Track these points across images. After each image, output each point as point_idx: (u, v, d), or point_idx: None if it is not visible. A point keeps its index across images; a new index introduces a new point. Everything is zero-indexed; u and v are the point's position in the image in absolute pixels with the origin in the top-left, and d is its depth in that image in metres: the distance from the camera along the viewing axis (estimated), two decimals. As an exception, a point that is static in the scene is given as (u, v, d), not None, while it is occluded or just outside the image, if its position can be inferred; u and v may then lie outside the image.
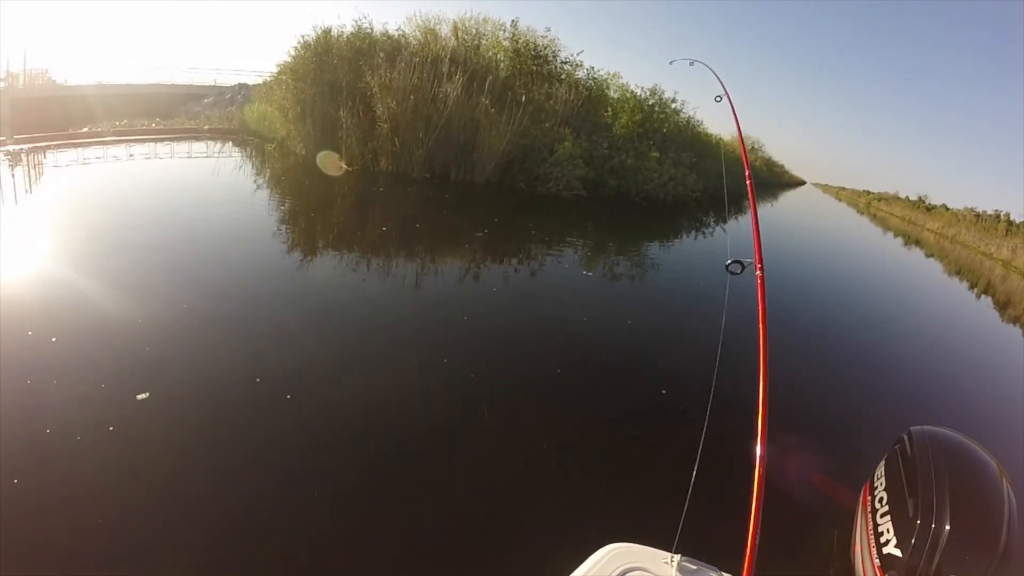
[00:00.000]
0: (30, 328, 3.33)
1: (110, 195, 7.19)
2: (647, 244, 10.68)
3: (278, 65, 13.41)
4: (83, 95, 16.30)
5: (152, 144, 12.35)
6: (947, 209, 37.96)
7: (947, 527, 1.26)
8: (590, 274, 7.24)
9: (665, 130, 17.07)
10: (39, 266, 4.39)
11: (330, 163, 11.09)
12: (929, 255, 22.04)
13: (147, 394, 2.85)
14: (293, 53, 12.89)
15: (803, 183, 73.79)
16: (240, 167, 10.84)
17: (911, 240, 26.56)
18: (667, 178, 15.29)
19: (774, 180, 43.70)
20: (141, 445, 2.53)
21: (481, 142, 12.04)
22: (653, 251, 9.96)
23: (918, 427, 1.61)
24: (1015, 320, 11.60)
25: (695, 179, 16.76)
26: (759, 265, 1.98)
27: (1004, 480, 1.37)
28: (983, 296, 14.43)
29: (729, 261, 1.97)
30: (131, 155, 10.61)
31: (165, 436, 2.62)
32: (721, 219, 16.27)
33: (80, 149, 10.42)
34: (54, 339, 3.25)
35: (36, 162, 8.70)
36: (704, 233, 13.25)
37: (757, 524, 1.35)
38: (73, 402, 2.73)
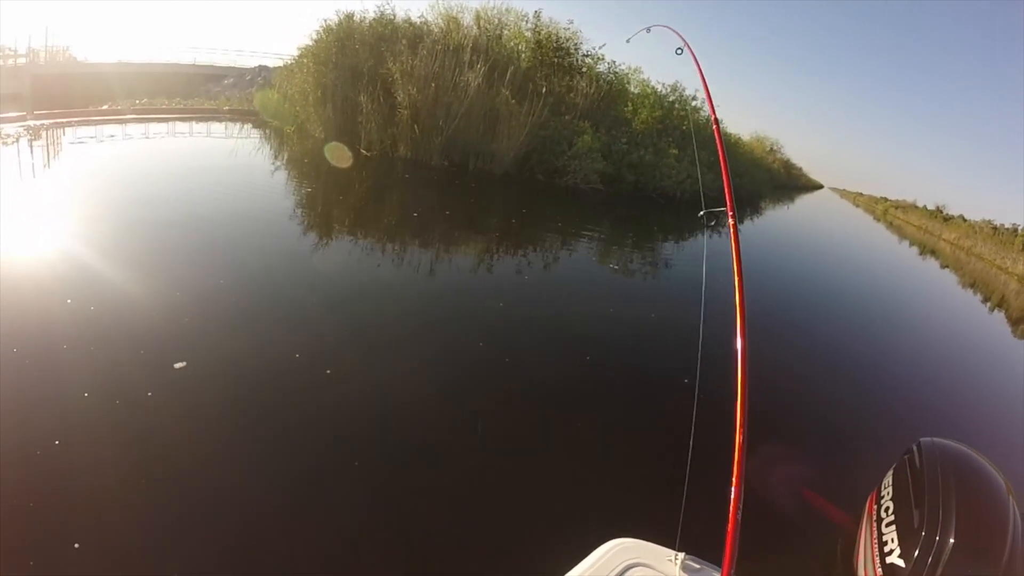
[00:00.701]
0: (69, 296, 3.38)
1: (132, 172, 7.24)
2: (660, 242, 10.66)
3: (299, 48, 13.44)
4: (104, 73, 16.42)
5: (172, 123, 12.43)
6: (964, 220, 37.53)
7: (951, 540, 1.26)
8: (602, 268, 7.23)
9: (684, 127, 16.94)
10: (70, 238, 4.43)
11: (339, 154, 11.00)
12: (944, 266, 21.84)
13: (184, 363, 2.90)
14: (315, 37, 12.92)
15: (820, 187, 73.10)
16: (259, 149, 10.89)
17: (926, 250, 26.34)
18: (684, 175, 15.20)
19: (791, 183, 43.29)
20: (178, 411, 2.59)
21: (500, 132, 12.03)
22: (666, 249, 9.94)
23: (928, 439, 1.61)
24: None
25: (712, 178, 16.63)
26: (731, 212, 2.01)
27: (1011, 498, 1.36)
28: (997, 310, 14.32)
29: (702, 212, 2.05)
30: (149, 133, 10.66)
31: (200, 403, 2.67)
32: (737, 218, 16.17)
33: (99, 126, 10.50)
34: (92, 308, 3.31)
35: (55, 138, 8.77)
36: (719, 232, 13.19)
37: (735, 523, 1.36)
38: (111, 368, 2.78)
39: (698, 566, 1.47)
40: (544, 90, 12.95)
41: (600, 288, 6.33)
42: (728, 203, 1.99)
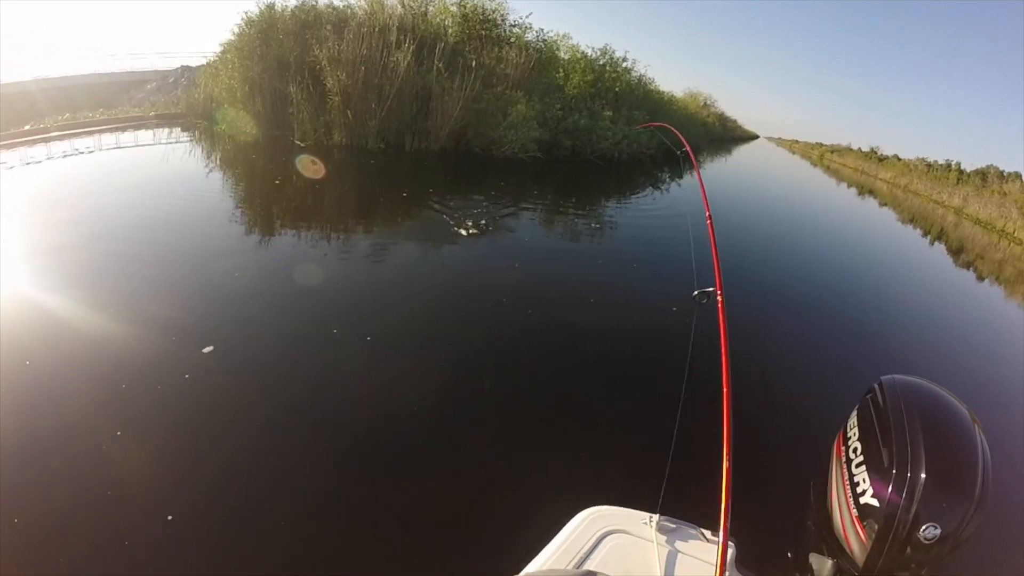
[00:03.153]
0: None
1: (69, 193, 6.98)
2: (608, 202, 10.92)
3: (222, 44, 13.14)
4: (21, 91, 15.64)
5: (98, 136, 12.00)
6: (899, 159, 39.04)
7: (923, 475, 1.27)
8: (552, 237, 7.30)
9: (617, 89, 17.28)
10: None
11: (306, 164, 10.70)
12: (883, 204, 22.68)
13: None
14: (236, 31, 12.64)
15: (756, 137, 74.64)
16: (190, 152, 10.68)
17: (865, 190, 27.26)
18: (621, 136, 15.57)
19: (727, 135, 44.20)
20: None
21: (434, 109, 12.11)
22: (614, 210, 10.15)
23: (888, 376, 1.59)
24: (968, 265, 12.16)
25: (649, 136, 17.07)
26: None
27: (976, 426, 1.38)
28: (937, 243, 15.04)
29: (695, 292, 2.15)
30: (79, 149, 10.29)
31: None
32: (677, 175, 16.65)
33: (22, 148, 10.07)
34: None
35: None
36: (661, 189, 13.60)
37: (730, 482, 1.41)
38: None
39: (673, 525, 1.48)
40: (474, 63, 13.01)
41: (559, 256, 6.41)
42: (717, 282, 2.10)
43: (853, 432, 1.56)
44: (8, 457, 2.40)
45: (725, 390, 1.62)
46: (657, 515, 1.49)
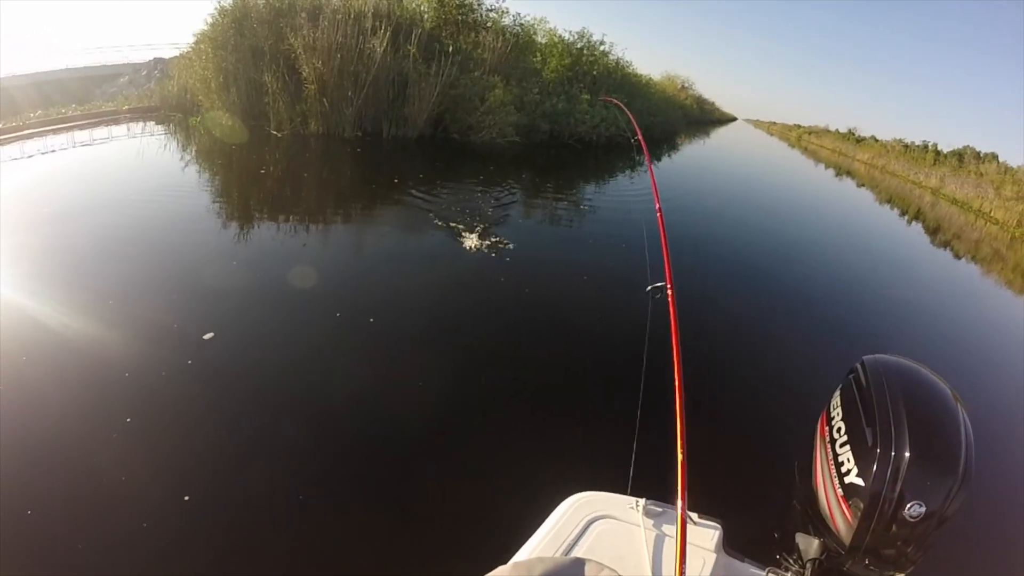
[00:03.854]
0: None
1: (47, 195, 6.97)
2: (586, 187, 11.03)
3: (195, 35, 12.98)
4: (-6, 91, 15.33)
5: (71, 132, 11.80)
6: (876, 141, 39.35)
7: (907, 454, 1.27)
8: (528, 227, 7.19)
9: (595, 72, 17.34)
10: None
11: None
12: (861, 184, 22.90)
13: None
14: (210, 20, 12.49)
15: (734, 119, 74.86)
16: (165, 145, 10.57)
17: (843, 171, 27.51)
18: (599, 120, 15.67)
19: (705, 117, 44.46)
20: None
21: (411, 96, 12.12)
22: (591, 195, 10.24)
23: (870, 356, 1.59)
24: (946, 244, 12.36)
25: (627, 119, 17.16)
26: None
27: (959, 404, 1.39)
28: (915, 223, 15.11)
29: (648, 287, 2.11)
30: (55, 147, 10.15)
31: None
32: (655, 158, 16.71)
33: None
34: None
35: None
36: (636, 172, 13.71)
37: (685, 455, 1.43)
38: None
39: (660, 509, 1.48)
40: (451, 49, 13.01)
41: (532, 245, 6.31)
42: (668, 277, 2.05)
43: (836, 412, 1.56)
44: (19, 449, 2.48)
45: (677, 381, 1.62)
46: (643, 499, 1.49)
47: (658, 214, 2.33)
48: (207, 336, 3.46)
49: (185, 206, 6.28)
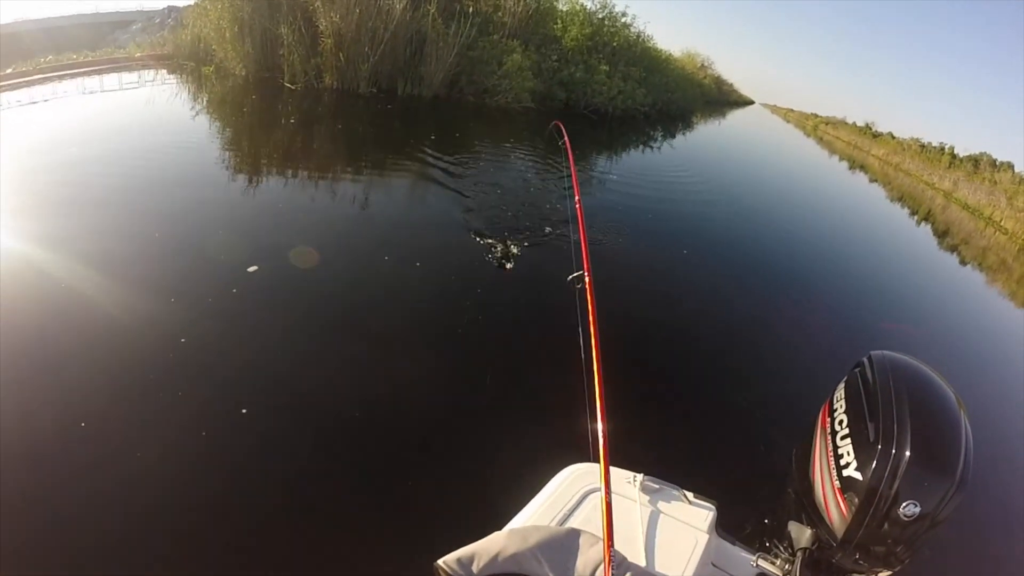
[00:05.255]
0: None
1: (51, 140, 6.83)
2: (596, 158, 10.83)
3: (210, -18, 12.72)
4: (2, 34, 15.10)
5: (81, 79, 11.62)
6: (893, 137, 38.77)
7: (907, 453, 1.27)
8: (538, 197, 6.86)
9: (615, 44, 17.04)
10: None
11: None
12: (873, 180, 22.70)
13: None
14: (226, -33, 12.23)
15: (752, 103, 73.65)
16: (176, 94, 10.42)
17: (856, 164, 27.29)
18: (616, 92, 15.47)
19: (723, 99, 43.79)
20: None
21: (428, 55, 11.94)
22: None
23: (878, 352, 1.56)
24: (953, 248, 12.30)
25: (644, 93, 16.96)
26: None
27: (962, 412, 1.38)
28: (924, 224, 15.01)
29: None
30: (69, 92, 9.99)
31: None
32: (668, 133, 16.49)
33: (6, 93, 9.73)
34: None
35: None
36: (653, 148, 13.56)
37: (605, 419, 1.40)
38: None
39: (657, 486, 1.48)
40: (471, 10, 12.79)
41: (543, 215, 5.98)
42: (585, 264, 2.02)
43: (839, 404, 1.55)
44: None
45: (596, 367, 1.55)
46: (641, 475, 1.49)
47: (577, 206, 2.33)
48: (251, 269, 3.64)
49: (190, 157, 6.17)
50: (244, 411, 2.57)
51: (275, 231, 4.60)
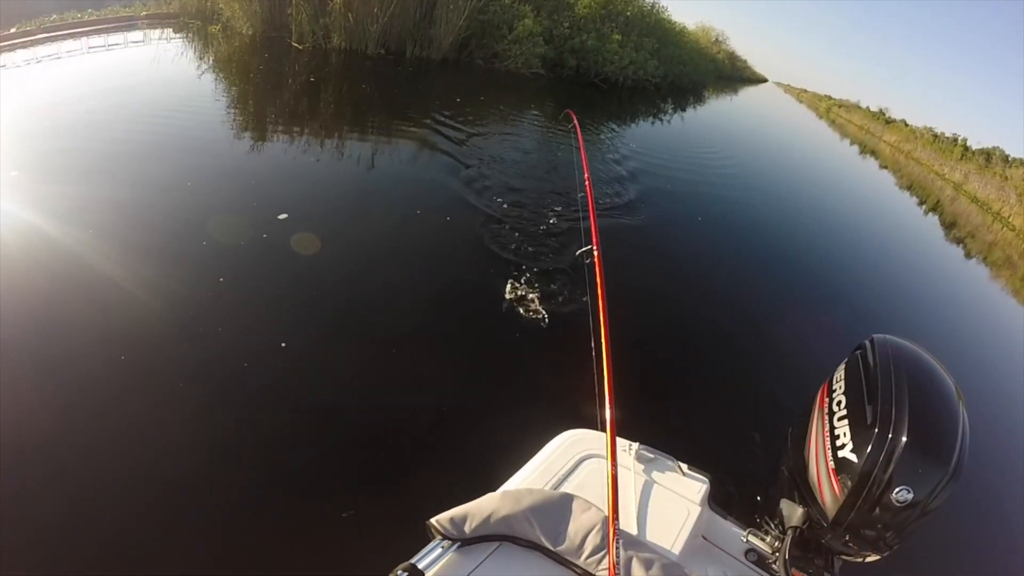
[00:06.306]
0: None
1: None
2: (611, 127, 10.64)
3: (217, -63, 12.47)
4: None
5: (86, 38, 11.42)
6: (906, 125, 38.25)
7: (904, 439, 1.27)
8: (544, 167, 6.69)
9: (628, 14, 16.72)
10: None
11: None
12: (883, 166, 22.55)
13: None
14: (233, -77, 11.97)
15: (765, 81, 72.28)
16: (181, 53, 10.25)
17: (867, 150, 27.07)
18: (627, 62, 15.21)
19: (736, 75, 43.02)
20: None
21: (439, 17, 11.73)
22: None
23: (880, 335, 1.55)
24: (959, 241, 12.31)
25: (656, 65, 16.67)
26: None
27: (960, 402, 1.38)
28: (932, 214, 14.95)
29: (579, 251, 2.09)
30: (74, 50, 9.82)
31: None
32: (679, 106, 16.26)
33: (8, 53, 9.55)
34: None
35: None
36: (663, 121, 13.33)
37: (612, 391, 1.43)
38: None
39: (651, 455, 1.49)
40: (482, -27, 12.51)
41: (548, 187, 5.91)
42: (594, 239, 2.03)
43: (839, 385, 1.55)
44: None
45: (604, 339, 1.56)
46: (637, 444, 1.49)
47: (587, 183, 2.42)
48: (281, 216, 3.77)
49: (199, 116, 6.06)
50: (254, 367, 2.66)
51: (269, 197, 4.44)
